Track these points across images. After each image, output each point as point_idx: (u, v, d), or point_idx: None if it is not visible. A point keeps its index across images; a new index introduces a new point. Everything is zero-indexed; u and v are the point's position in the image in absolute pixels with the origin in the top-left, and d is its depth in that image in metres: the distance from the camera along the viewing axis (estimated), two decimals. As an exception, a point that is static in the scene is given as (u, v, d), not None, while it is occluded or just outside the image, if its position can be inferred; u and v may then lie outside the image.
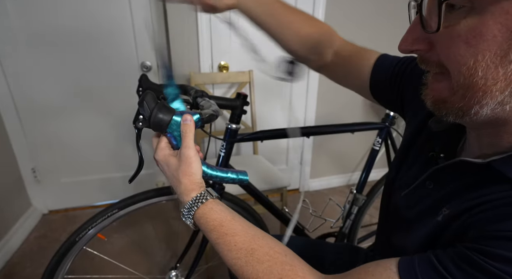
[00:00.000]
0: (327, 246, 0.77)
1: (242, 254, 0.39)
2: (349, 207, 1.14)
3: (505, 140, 0.32)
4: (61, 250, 0.77)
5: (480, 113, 0.30)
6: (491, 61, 0.27)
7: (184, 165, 0.44)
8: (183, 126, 0.44)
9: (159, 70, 1.66)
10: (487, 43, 0.26)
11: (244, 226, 0.42)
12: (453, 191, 0.37)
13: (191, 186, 0.44)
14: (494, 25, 0.26)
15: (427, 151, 0.45)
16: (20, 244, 1.51)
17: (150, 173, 1.88)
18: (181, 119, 0.45)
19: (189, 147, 0.44)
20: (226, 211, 0.43)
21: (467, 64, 0.28)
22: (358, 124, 1.06)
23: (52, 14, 1.43)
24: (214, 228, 0.42)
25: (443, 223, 0.36)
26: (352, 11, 1.71)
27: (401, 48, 0.34)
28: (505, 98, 0.28)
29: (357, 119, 1.99)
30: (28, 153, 1.63)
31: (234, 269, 0.40)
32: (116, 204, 0.81)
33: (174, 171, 0.45)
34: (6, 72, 1.47)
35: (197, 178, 0.45)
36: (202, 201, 0.43)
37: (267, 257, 0.39)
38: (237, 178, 0.50)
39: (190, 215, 0.43)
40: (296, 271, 0.38)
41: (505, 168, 0.31)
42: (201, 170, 0.46)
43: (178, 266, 1.07)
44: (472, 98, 0.29)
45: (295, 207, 1.77)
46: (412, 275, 0.31)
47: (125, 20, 1.53)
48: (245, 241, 0.40)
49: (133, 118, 0.44)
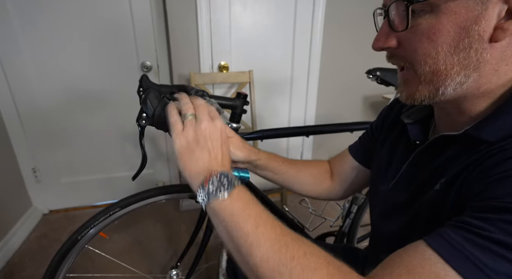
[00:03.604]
0: (326, 247, 0.78)
1: (287, 232, 0.37)
2: (348, 206, 1.15)
3: (468, 113, 0.40)
4: (63, 249, 0.77)
5: (446, 93, 0.37)
6: (448, 51, 0.35)
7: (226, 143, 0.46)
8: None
9: (159, 71, 1.66)
10: (444, 37, 0.35)
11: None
12: (441, 164, 0.42)
13: (228, 162, 0.45)
14: (447, 23, 0.34)
15: (404, 142, 0.51)
16: (21, 244, 1.52)
17: (151, 172, 1.89)
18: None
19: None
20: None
21: (431, 55, 0.36)
22: (357, 123, 1.06)
23: (52, 15, 1.44)
24: (257, 201, 0.40)
25: (441, 190, 0.39)
26: (352, 11, 1.71)
27: (375, 46, 0.41)
28: (461, 79, 0.36)
29: (357, 118, 2.00)
30: (28, 153, 1.63)
31: (268, 247, 0.35)
32: (118, 203, 0.81)
33: (223, 141, 0.45)
34: (7, 72, 1.47)
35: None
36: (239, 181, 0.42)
37: (310, 241, 0.37)
38: (238, 176, 0.51)
39: (235, 183, 0.40)
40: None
41: (478, 132, 0.37)
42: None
43: (178, 265, 1.08)
44: (438, 81, 0.37)
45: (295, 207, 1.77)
46: (447, 245, 0.31)
47: (125, 20, 1.53)
48: (282, 224, 0.39)
49: (137, 116, 0.45)
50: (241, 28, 1.61)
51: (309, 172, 0.70)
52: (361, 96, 1.96)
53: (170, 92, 0.78)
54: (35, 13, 1.42)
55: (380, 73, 1.11)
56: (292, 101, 1.87)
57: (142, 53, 1.61)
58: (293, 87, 1.84)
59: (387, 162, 0.54)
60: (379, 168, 0.57)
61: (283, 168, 0.66)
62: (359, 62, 1.79)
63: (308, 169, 0.70)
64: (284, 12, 1.64)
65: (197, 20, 1.52)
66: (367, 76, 1.13)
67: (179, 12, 1.49)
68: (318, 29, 1.69)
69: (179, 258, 1.07)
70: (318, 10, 1.66)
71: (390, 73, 1.11)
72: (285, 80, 1.82)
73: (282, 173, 0.66)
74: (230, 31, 1.60)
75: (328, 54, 1.77)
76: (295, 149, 2.00)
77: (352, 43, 1.79)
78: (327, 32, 1.72)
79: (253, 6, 1.58)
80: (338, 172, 0.70)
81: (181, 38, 1.54)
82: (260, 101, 1.76)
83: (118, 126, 1.73)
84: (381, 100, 1.94)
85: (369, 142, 0.66)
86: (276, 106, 1.86)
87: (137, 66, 1.63)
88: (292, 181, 0.68)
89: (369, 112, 2.02)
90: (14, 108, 1.53)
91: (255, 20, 1.61)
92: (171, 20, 1.50)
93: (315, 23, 1.68)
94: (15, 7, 1.39)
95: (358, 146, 0.69)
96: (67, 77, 1.56)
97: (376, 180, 0.57)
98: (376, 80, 1.13)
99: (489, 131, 0.36)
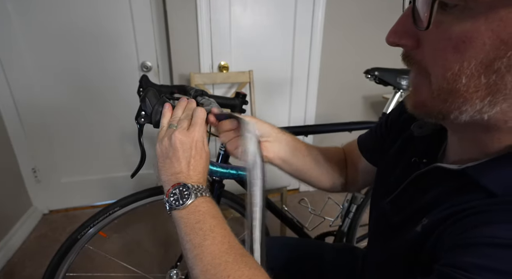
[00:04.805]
0: (326, 247, 0.78)
1: (233, 252, 0.38)
2: (347, 205, 1.15)
3: (482, 146, 0.32)
4: (63, 248, 0.78)
5: (460, 118, 0.29)
6: (475, 69, 0.26)
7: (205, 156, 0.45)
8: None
9: (159, 71, 1.67)
10: (475, 50, 0.26)
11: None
12: (433, 199, 0.36)
13: (204, 175, 0.44)
14: (485, 32, 0.25)
15: (409, 156, 0.44)
16: (21, 244, 1.52)
17: (151, 172, 1.89)
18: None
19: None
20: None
21: (452, 69, 0.27)
22: (356, 123, 1.07)
23: (52, 14, 1.44)
24: (217, 215, 0.41)
25: (422, 233, 0.34)
26: (352, 11, 1.72)
27: (388, 40, 0.32)
28: (484, 107, 0.28)
29: (357, 118, 2.00)
30: (28, 153, 1.63)
31: (208, 260, 0.36)
32: (118, 202, 0.81)
33: (196, 151, 0.44)
34: (6, 72, 1.47)
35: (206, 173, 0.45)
36: (207, 192, 0.43)
37: (256, 265, 0.37)
38: (237, 174, 0.51)
39: (193, 195, 0.41)
40: None
41: (479, 175, 0.30)
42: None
43: (178, 265, 1.08)
44: (453, 103, 0.29)
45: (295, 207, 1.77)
46: None
47: (125, 20, 1.54)
48: (239, 243, 0.39)
49: (135, 115, 0.45)
50: (241, 28, 1.61)
51: (328, 165, 0.65)
52: (361, 96, 1.97)
53: (170, 92, 0.78)
54: (35, 13, 1.42)
55: (378, 73, 1.11)
56: (292, 101, 1.88)
57: (142, 53, 1.61)
58: (293, 87, 1.84)
59: (393, 167, 0.48)
60: (384, 172, 0.52)
61: (304, 162, 0.62)
62: (359, 62, 1.79)
63: (327, 161, 0.65)
64: (284, 12, 1.64)
65: (197, 20, 1.52)
66: (366, 76, 1.14)
67: (179, 12, 1.49)
68: (318, 29, 1.69)
69: (179, 257, 1.07)
70: (318, 10, 1.66)
71: (389, 73, 1.12)
72: (285, 80, 1.82)
73: (301, 169, 0.62)
74: (230, 31, 1.60)
75: (328, 54, 1.78)
76: (295, 149, 1.99)
77: (352, 43, 1.79)
78: (327, 32, 1.72)
79: (253, 6, 1.58)
80: (352, 162, 0.66)
81: (181, 38, 1.54)
82: (260, 101, 1.76)
83: (118, 126, 1.73)
84: (381, 100, 1.94)
85: (381, 138, 0.58)
86: (276, 106, 1.86)
87: (137, 66, 1.63)
88: (309, 174, 0.64)
89: (369, 112, 2.02)
90: (14, 108, 1.53)
91: (255, 20, 1.62)
92: (171, 20, 1.50)
93: (315, 23, 1.69)
94: (15, 7, 1.39)
95: (368, 141, 0.61)
96: (67, 77, 1.56)
97: (379, 184, 0.53)
98: (374, 80, 1.13)
99: (493, 177, 0.29)
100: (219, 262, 0.36)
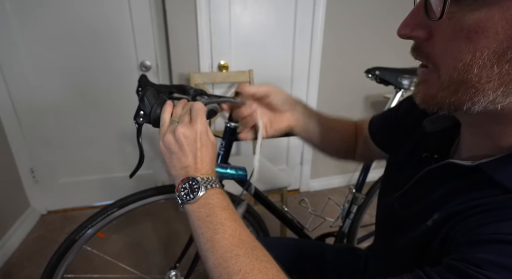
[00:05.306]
0: (326, 247, 0.77)
1: (244, 245, 0.38)
2: (348, 206, 1.14)
3: (496, 142, 0.32)
4: (61, 249, 0.77)
5: (472, 109, 0.29)
6: (488, 59, 0.26)
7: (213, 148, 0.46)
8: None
9: (158, 70, 1.66)
10: (488, 40, 0.26)
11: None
12: (444, 195, 0.36)
13: (212, 166, 0.45)
14: (499, 21, 0.25)
15: (421, 152, 0.44)
16: (19, 245, 1.51)
17: (150, 172, 1.88)
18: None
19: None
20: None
21: (463, 60, 0.27)
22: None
23: (51, 14, 1.43)
24: (228, 207, 0.41)
25: (433, 228, 0.35)
26: (353, 11, 1.71)
27: (400, 32, 0.32)
28: (497, 98, 0.27)
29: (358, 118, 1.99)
30: (26, 153, 1.62)
31: (220, 254, 0.37)
32: (116, 203, 0.80)
33: (202, 143, 0.45)
34: (4, 72, 1.46)
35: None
36: (217, 183, 0.43)
37: (267, 258, 0.38)
38: (236, 174, 0.50)
39: (203, 187, 0.42)
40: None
41: (493, 171, 0.30)
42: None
43: (177, 266, 1.07)
44: (464, 94, 0.29)
45: (295, 207, 1.77)
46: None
47: (124, 19, 1.53)
48: (249, 236, 0.40)
49: (134, 114, 0.45)
50: (241, 27, 1.60)
51: (341, 135, 0.73)
52: (362, 96, 1.96)
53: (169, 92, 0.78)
54: (33, 12, 1.41)
55: (379, 72, 1.11)
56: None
57: (141, 52, 1.60)
58: (293, 87, 1.83)
59: (402, 163, 0.48)
60: (393, 167, 0.52)
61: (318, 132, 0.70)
62: (359, 62, 1.79)
63: (339, 132, 0.73)
64: (284, 11, 1.63)
65: (197, 19, 1.51)
66: (366, 75, 1.13)
67: (178, 11, 1.48)
68: (318, 28, 1.69)
69: (178, 258, 1.06)
70: (319, 9, 1.65)
71: (390, 73, 1.11)
72: (285, 80, 1.81)
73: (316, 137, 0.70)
74: (230, 30, 1.59)
75: (328, 53, 1.77)
76: (295, 148, 1.99)
77: (353, 43, 1.78)
78: (328, 32, 1.72)
79: (253, 5, 1.58)
80: (362, 138, 0.70)
81: (180, 38, 1.54)
82: (259, 101, 1.75)
83: (116, 126, 1.72)
84: (382, 100, 1.94)
85: (393, 125, 0.57)
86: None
87: (136, 65, 1.62)
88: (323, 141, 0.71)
89: (369, 112, 2.01)
90: (12, 108, 1.52)
91: (255, 19, 1.61)
92: (171, 19, 1.50)
93: (316, 22, 1.68)
94: (13, 6, 1.38)
95: (379, 127, 0.61)
96: (66, 77, 1.55)
97: (387, 180, 0.53)
98: (375, 80, 1.12)
99: (508, 173, 0.30)
100: (230, 256, 0.36)
